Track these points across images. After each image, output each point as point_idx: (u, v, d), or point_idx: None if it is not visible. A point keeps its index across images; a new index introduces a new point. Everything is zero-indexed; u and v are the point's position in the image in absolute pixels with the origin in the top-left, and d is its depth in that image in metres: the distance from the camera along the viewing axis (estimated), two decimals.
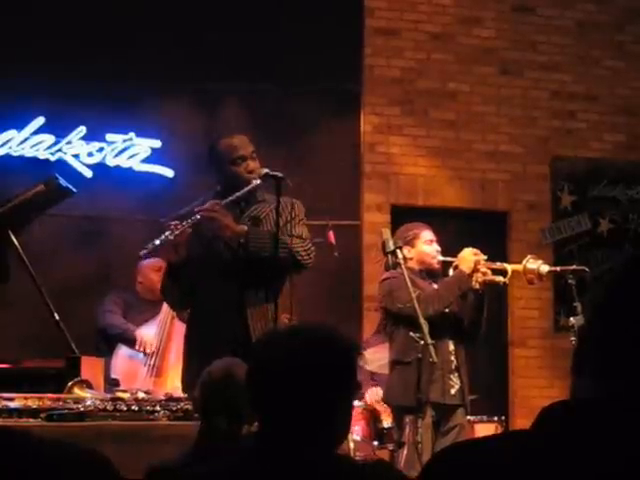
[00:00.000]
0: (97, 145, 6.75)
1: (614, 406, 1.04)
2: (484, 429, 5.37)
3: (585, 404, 1.07)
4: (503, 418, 5.71)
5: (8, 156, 6.62)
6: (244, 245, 4.04)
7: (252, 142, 4.33)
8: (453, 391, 4.72)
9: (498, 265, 4.81)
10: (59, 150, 6.68)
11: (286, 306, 4.33)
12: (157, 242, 3.95)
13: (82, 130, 6.70)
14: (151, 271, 5.79)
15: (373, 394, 5.73)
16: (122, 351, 5.63)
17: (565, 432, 1.05)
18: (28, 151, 6.64)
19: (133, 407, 3.38)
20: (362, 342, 6.22)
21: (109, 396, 3.62)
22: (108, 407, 3.35)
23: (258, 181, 4.13)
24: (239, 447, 1.88)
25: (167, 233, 3.95)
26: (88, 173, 6.72)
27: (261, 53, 6.92)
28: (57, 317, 4.14)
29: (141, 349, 5.57)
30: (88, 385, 3.74)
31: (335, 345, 1.92)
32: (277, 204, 4.01)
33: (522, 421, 6.77)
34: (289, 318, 4.39)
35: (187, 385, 3.91)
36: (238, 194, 4.11)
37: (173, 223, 3.98)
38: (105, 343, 5.72)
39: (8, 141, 6.63)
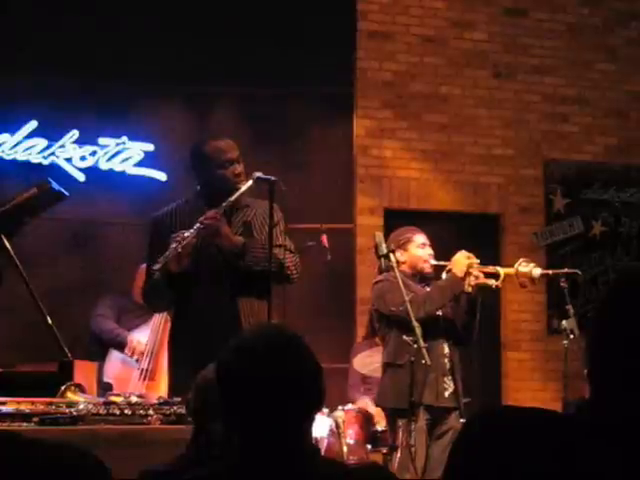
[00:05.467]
0: (90, 149, 6.75)
1: None
2: None
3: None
4: None
5: (0, 160, 6.61)
6: (240, 256, 4.04)
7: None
8: (447, 394, 4.72)
9: (491, 268, 4.82)
10: (52, 154, 6.67)
11: (279, 309, 4.33)
12: (167, 254, 3.95)
13: (75, 134, 6.70)
14: None
15: (362, 403, 5.69)
16: (115, 355, 5.62)
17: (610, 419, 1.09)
18: (21, 155, 6.63)
19: (126, 411, 3.37)
20: (354, 346, 6.22)
21: (102, 400, 3.61)
22: (101, 411, 3.34)
23: (250, 182, 4.12)
24: (234, 452, 1.87)
25: (174, 245, 3.95)
26: (81, 177, 6.71)
27: (254, 56, 6.91)
28: (50, 321, 4.13)
29: (129, 353, 5.56)
30: (81, 389, 3.73)
31: (301, 349, 1.92)
32: (270, 209, 4.00)
33: None
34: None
35: (178, 390, 3.87)
36: (232, 198, 4.08)
37: (179, 234, 3.98)
38: (98, 347, 5.71)
39: (0, 145, 6.62)
